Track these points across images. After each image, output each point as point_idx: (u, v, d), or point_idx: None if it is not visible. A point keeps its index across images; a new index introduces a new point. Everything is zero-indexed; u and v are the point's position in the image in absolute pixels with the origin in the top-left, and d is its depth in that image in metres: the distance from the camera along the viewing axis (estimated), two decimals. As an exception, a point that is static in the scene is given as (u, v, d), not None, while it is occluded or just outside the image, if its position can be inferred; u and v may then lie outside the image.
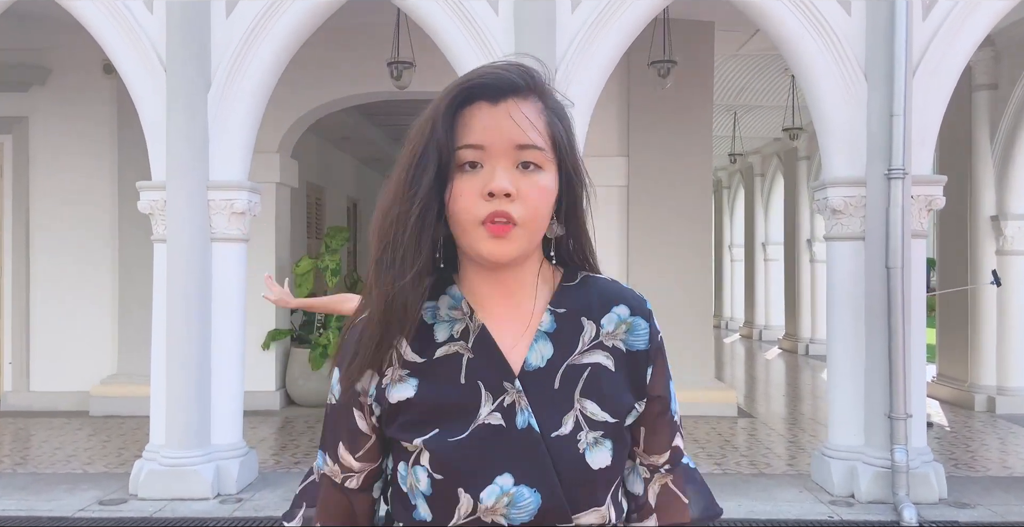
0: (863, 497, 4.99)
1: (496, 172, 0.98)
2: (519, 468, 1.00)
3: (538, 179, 1.01)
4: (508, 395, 1.02)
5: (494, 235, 0.98)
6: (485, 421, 1.01)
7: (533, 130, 1.00)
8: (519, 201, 0.98)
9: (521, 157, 1.00)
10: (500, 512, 0.99)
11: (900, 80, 4.96)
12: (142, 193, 5.34)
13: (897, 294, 4.95)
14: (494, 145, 0.99)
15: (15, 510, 4.91)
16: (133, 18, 5.22)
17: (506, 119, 1.00)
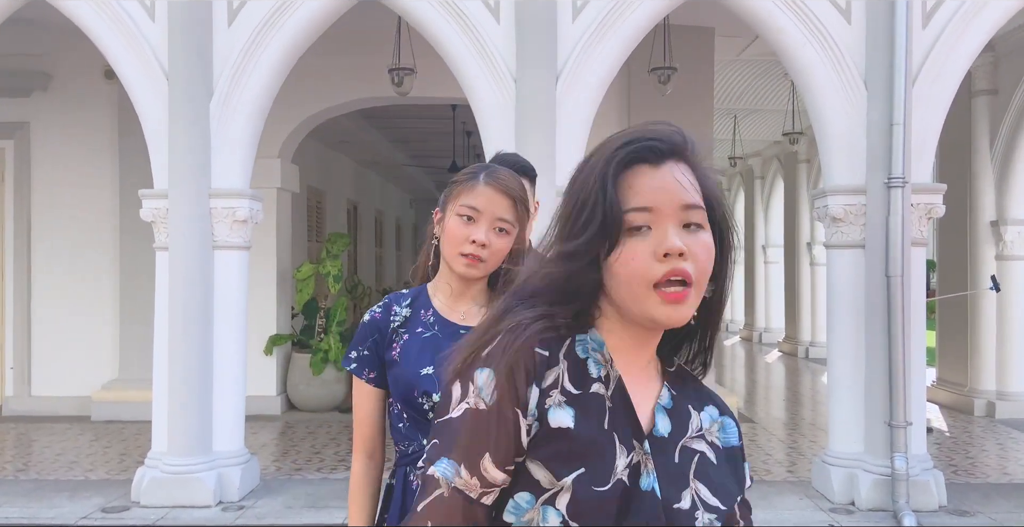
0: (863, 504, 5.01)
1: (668, 232, 0.98)
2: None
3: (703, 238, 1.00)
4: (636, 454, 1.00)
5: (670, 301, 0.97)
6: (620, 476, 0.97)
7: (695, 190, 1.01)
8: (691, 261, 0.98)
9: (687, 218, 0.99)
10: None
11: (900, 89, 4.98)
12: (144, 201, 5.35)
13: (897, 303, 4.97)
14: (662, 207, 0.98)
15: (18, 518, 4.92)
16: (135, 26, 5.24)
17: (671, 181, 1.00)
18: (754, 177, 16.29)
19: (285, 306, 8.53)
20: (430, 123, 11.75)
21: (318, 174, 10.59)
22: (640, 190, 0.99)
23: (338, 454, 6.52)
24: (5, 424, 7.71)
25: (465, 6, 5.21)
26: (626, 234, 0.98)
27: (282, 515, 4.94)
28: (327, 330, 8.29)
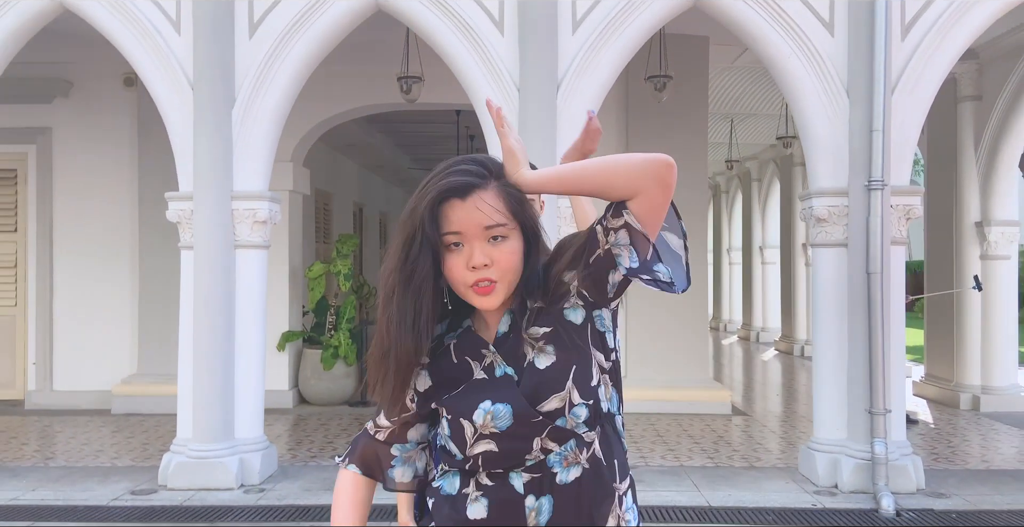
0: (845, 487, 5.34)
1: (474, 250, 1.38)
2: (494, 394, 1.43)
3: (505, 246, 1.40)
4: (489, 356, 1.47)
5: (481, 294, 1.40)
6: (476, 378, 1.47)
7: (495, 212, 1.38)
8: (494, 266, 1.39)
9: (489, 234, 1.39)
10: (490, 426, 1.42)
11: (879, 97, 5.31)
12: (170, 203, 5.68)
13: (877, 298, 5.30)
14: (468, 230, 1.38)
15: (52, 500, 5.25)
16: (162, 39, 5.58)
17: (474, 211, 1.38)
18: (751, 179, 16.61)
19: (297, 304, 8.86)
20: (434, 128, 12.10)
21: (325, 177, 10.93)
22: (451, 219, 1.38)
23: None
24: (29, 417, 8.04)
25: (471, 20, 5.55)
26: (447, 251, 1.39)
27: (300, 497, 5.27)
28: (337, 327, 8.62)
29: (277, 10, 5.60)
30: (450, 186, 1.39)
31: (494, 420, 1.41)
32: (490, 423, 1.42)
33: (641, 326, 8.37)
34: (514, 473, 1.43)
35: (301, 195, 9.01)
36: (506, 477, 1.43)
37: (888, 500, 4.99)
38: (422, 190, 1.41)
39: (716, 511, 4.97)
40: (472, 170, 1.41)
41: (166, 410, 7.80)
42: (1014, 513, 4.97)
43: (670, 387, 8.22)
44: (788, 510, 5.00)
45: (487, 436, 1.42)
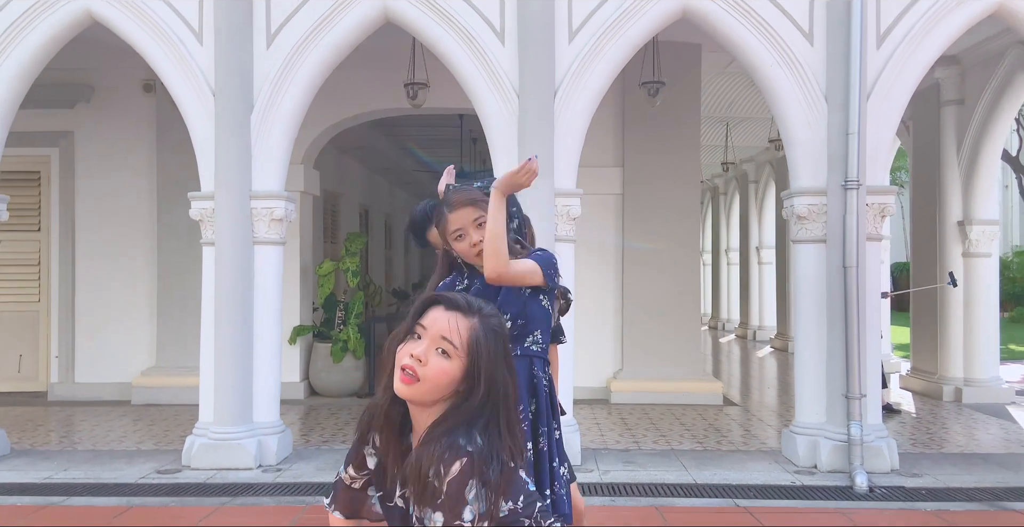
0: (823, 467, 5.71)
1: (423, 345, 1.59)
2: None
3: (442, 362, 1.58)
4: None
5: (401, 380, 1.59)
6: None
7: (455, 334, 1.59)
8: (426, 368, 1.57)
9: (439, 344, 1.59)
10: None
11: (855, 103, 5.69)
12: (193, 202, 6.08)
13: (853, 290, 5.67)
14: (430, 330, 1.60)
15: (84, 478, 5.64)
16: (186, 49, 5.98)
17: (443, 320, 1.60)
18: (748, 181, 16.98)
19: (307, 300, 9.25)
20: (438, 131, 12.50)
21: (333, 179, 11.33)
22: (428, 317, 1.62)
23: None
24: (52, 408, 8.44)
25: (474, 30, 5.94)
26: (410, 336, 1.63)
27: (315, 475, 5.65)
28: (346, 322, 9.02)
29: (293, 22, 6.00)
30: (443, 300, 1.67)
31: None
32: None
33: (637, 322, 8.76)
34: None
35: (311, 196, 9.41)
36: None
37: (862, 478, 5.37)
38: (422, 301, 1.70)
39: (702, 487, 5.34)
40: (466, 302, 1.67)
41: (184, 401, 8.23)
42: (980, 490, 5.33)
43: (664, 379, 8.60)
44: (769, 486, 5.38)
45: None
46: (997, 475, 5.70)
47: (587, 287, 8.27)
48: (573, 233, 6.02)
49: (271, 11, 6.02)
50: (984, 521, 4.68)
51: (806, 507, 4.97)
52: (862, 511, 4.87)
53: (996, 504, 5.02)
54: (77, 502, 5.09)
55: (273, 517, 4.77)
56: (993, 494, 5.23)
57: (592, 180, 8.20)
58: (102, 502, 5.08)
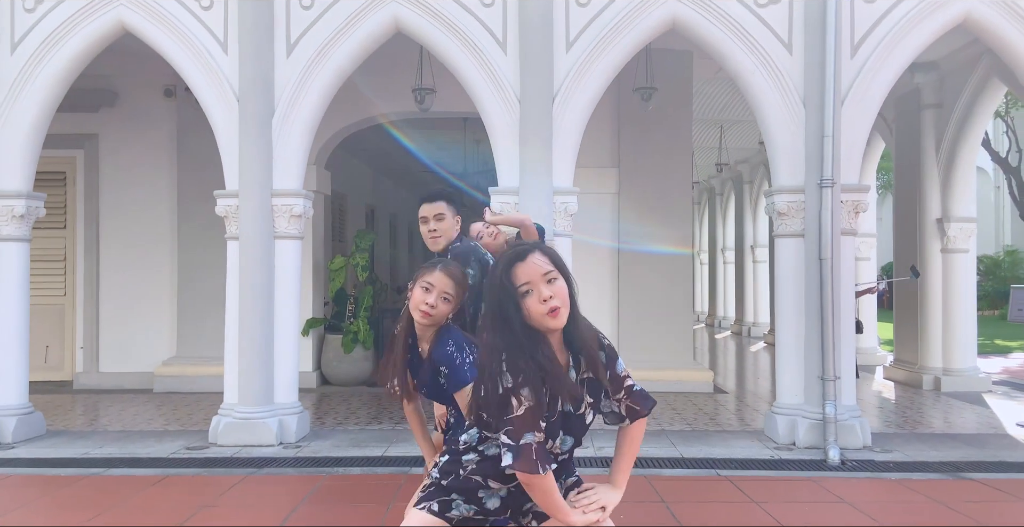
0: (801, 444, 6.19)
1: (542, 291, 2.18)
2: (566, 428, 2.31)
3: (558, 284, 2.20)
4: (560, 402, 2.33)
5: (553, 317, 2.18)
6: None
7: (547, 264, 2.21)
8: (557, 296, 2.18)
9: (546, 278, 2.20)
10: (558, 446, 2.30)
11: (830, 108, 6.17)
12: (219, 200, 6.56)
13: (828, 280, 6.15)
14: (533, 278, 2.19)
15: (119, 453, 6.12)
16: (212, 58, 6.47)
17: (533, 266, 2.20)
18: (743, 182, 17.46)
19: (319, 294, 9.74)
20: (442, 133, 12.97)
21: (341, 180, 11.81)
22: (519, 274, 2.19)
23: (370, 414, 7.73)
24: (78, 395, 8.92)
25: (478, 40, 6.42)
26: (522, 296, 2.18)
27: (332, 451, 6.14)
28: (356, 315, 9.50)
29: (311, 33, 6.49)
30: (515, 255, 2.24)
31: (561, 444, 2.28)
32: (558, 446, 2.27)
33: (632, 314, 9.23)
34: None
35: (323, 195, 9.89)
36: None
37: (835, 451, 5.85)
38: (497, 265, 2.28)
39: (687, 460, 5.82)
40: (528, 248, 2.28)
41: (204, 388, 8.74)
42: (944, 463, 5.80)
43: (657, 368, 9.07)
44: (750, 460, 5.85)
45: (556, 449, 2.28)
46: (962, 451, 6.17)
47: (584, 281, 8.63)
48: (570, 229, 6.50)
49: (291, 23, 6.51)
50: (943, 488, 5.15)
51: (781, 476, 5.45)
52: (832, 479, 5.35)
53: (956, 475, 5.50)
54: (115, 472, 5.57)
55: (297, 485, 5.24)
56: (955, 467, 5.70)
57: (589, 180, 8.70)
58: (139, 472, 5.56)
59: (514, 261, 2.21)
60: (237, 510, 4.69)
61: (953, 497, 4.91)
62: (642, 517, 4.49)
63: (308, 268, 9.45)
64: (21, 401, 6.62)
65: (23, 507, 4.78)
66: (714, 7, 6.36)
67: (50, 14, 6.56)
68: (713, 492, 5.05)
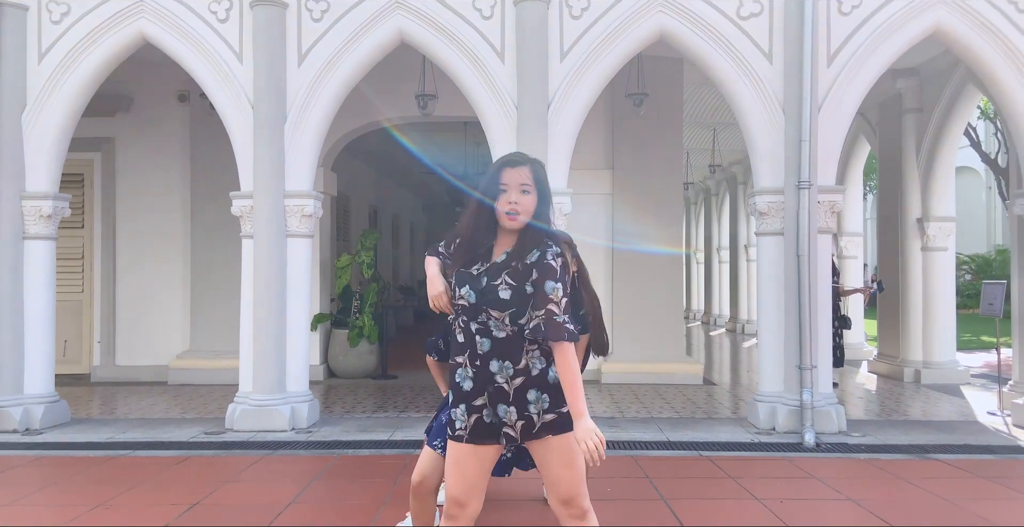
0: (780, 429, 6.62)
1: (511, 195, 2.66)
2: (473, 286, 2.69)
3: (530, 197, 2.67)
4: (482, 267, 2.72)
5: (510, 219, 2.66)
6: (471, 272, 2.73)
7: (526, 178, 2.68)
8: (520, 205, 2.66)
9: (521, 188, 2.67)
10: (466, 298, 2.68)
11: (806, 114, 6.59)
12: (234, 201, 6.98)
13: (805, 275, 6.58)
14: (510, 183, 2.67)
15: (142, 438, 6.54)
16: (228, 67, 6.89)
17: (516, 174, 2.67)
18: (737, 182, 17.88)
19: (326, 291, 10.17)
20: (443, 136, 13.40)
21: (345, 181, 12.23)
22: (504, 175, 2.68)
23: (376, 403, 8.15)
24: (96, 387, 9.34)
25: (478, 50, 6.84)
26: (499, 192, 2.67)
27: (341, 435, 6.56)
28: (362, 310, 9.93)
29: (321, 43, 6.91)
30: (509, 161, 2.72)
31: (468, 297, 2.66)
32: (467, 297, 2.67)
33: (625, 310, 9.65)
34: (471, 322, 2.68)
35: (329, 196, 10.31)
36: (468, 323, 2.69)
37: (810, 435, 6.27)
38: (493, 165, 2.74)
39: (674, 443, 6.25)
40: (520, 157, 2.74)
41: (217, 381, 9.17)
42: (913, 446, 6.22)
43: (649, 361, 9.51)
44: (732, 443, 6.27)
45: (464, 301, 2.68)
46: (932, 436, 6.59)
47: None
48: (565, 228, 6.92)
49: (302, 34, 6.93)
50: (908, 467, 5.57)
51: (758, 456, 5.87)
52: (805, 459, 5.77)
53: (923, 455, 5.92)
54: (141, 454, 6.00)
55: (310, 464, 5.67)
56: (923, 449, 6.12)
57: (584, 181, 9.14)
58: (162, 454, 5.98)
59: (506, 165, 2.70)
60: (258, 484, 5.12)
61: (915, 475, 5.33)
62: (627, 491, 4.91)
63: (315, 266, 9.86)
64: (48, 390, 7.05)
65: (60, 483, 5.20)
66: (699, 19, 6.78)
67: (76, 26, 6.99)
68: (693, 470, 5.47)
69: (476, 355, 2.68)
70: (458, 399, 2.72)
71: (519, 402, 2.67)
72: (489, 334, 2.67)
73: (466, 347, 2.70)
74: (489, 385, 2.68)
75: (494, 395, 2.68)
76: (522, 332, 2.65)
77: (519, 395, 2.67)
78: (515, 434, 2.68)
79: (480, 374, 2.68)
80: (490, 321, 2.67)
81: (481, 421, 2.69)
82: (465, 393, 2.70)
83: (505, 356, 2.67)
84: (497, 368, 2.67)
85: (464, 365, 2.71)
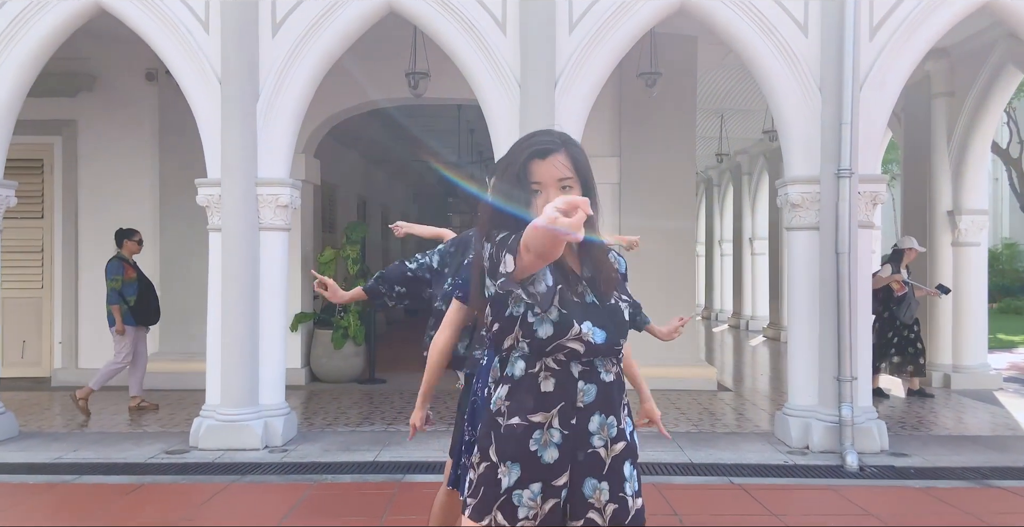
0: (815, 448, 5.88)
1: (550, 195, 1.90)
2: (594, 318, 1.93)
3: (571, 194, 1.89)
4: (580, 287, 1.97)
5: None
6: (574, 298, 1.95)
7: (565, 169, 1.92)
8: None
9: (560, 184, 1.92)
10: (588, 336, 1.90)
11: (848, 94, 5.83)
12: (200, 189, 6.19)
13: (845, 275, 5.83)
14: (546, 181, 1.92)
15: (94, 458, 5.76)
16: (192, 38, 6.08)
17: (551, 167, 1.92)
18: (742, 173, 17.13)
19: (308, 288, 9.37)
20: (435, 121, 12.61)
21: (331, 170, 11.43)
22: (535, 173, 1.92)
23: (361, 413, 7.38)
24: (56, 393, 8.55)
25: (476, 21, 6.05)
26: (533, 194, 1.92)
27: (320, 456, 5.79)
28: (347, 309, 9.14)
29: (298, 11, 6.10)
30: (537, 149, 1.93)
31: (592, 336, 1.91)
32: (589, 336, 1.91)
33: (633, 308, 8.88)
34: (573, 362, 1.92)
35: (312, 185, 9.51)
36: (567, 364, 1.92)
37: (852, 457, 5.54)
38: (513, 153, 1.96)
39: (697, 466, 5.50)
40: (553, 138, 1.96)
41: (187, 386, 8.36)
42: (968, 469, 5.50)
43: (661, 365, 8.73)
44: (763, 466, 5.54)
45: (583, 341, 1.91)
46: (984, 456, 5.88)
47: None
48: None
49: (276, 1, 6.12)
50: (972, 498, 4.85)
51: (799, 484, 5.13)
52: (853, 488, 5.03)
53: (984, 482, 5.20)
54: (88, 480, 5.22)
55: (281, 494, 4.90)
56: (980, 473, 5.40)
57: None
58: (113, 480, 5.20)
59: (534, 157, 1.94)
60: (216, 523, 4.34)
61: (983, 508, 4.61)
62: (654, 532, 4.16)
63: (297, 261, 9.07)
64: (-10, 401, 6.26)
65: (-15, 520, 4.43)
66: (726, -14, 6.01)
67: (20, -10, 6.16)
68: (728, 504, 4.73)
69: (572, 411, 1.92)
70: (529, 474, 1.91)
71: (614, 477, 1.93)
72: (596, 378, 1.94)
73: (557, 398, 1.92)
74: (580, 451, 1.91)
75: (584, 465, 1.92)
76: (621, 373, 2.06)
77: (616, 467, 1.93)
78: (602, 522, 1.92)
79: (574, 438, 1.91)
80: (597, 358, 1.94)
81: (557, 507, 1.91)
82: (545, 467, 1.90)
83: (609, 409, 1.95)
84: (597, 426, 1.93)
85: (546, 426, 1.91)
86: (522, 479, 1.89)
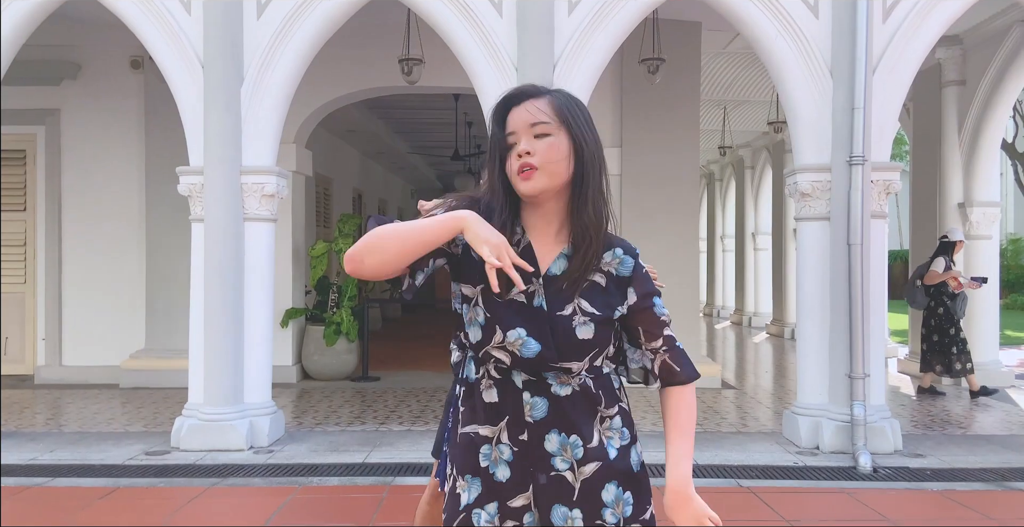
0: (826, 448, 5.61)
1: (520, 142, 1.61)
2: (530, 327, 1.61)
3: (547, 140, 1.60)
4: (532, 286, 1.63)
5: (524, 179, 1.60)
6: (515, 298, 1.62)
7: (539, 113, 1.61)
8: (536, 155, 1.59)
9: (535, 131, 1.61)
10: (516, 347, 1.61)
11: (860, 77, 5.55)
12: (181, 177, 5.91)
13: (857, 267, 5.56)
14: (519, 128, 1.62)
15: (70, 460, 5.49)
16: (173, 19, 5.80)
17: (523, 112, 1.62)
18: (744, 167, 16.85)
19: (299, 282, 9.10)
20: (433, 113, 12.33)
21: (326, 162, 11.16)
22: (509, 122, 1.63)
23: (353, 412, 7.11)
24: (39, 391, 8.27)
25: (471, 2, 5.77)
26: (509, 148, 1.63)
27: (308, 457, 5.52)
28: (339, 304, 8.87)
29: (284, -8, 5.82)
30: (509, 95, 1.66)
31: (522, 347, 1.60)
32: (517, 346, 1.61)
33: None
34: (515, 371, 1.63)
35: (304, 176, 9.23)
36: (509, 373, 1.64)
37: (866, 458, 5.27)
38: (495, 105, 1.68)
39: (703, 468, 5.23)
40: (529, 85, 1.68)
41: (174, 384, 8.09)
42: (986, 470, 5.24)
43: (662, 362, 8.48)
44: (772, 467, 5.27)
45: (508, 351, 1.62)
46: (1001, 456, 5.61)
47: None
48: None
49: (262, -20, 5.84)
50: (992, 501, 4.58)
51: (810, 487, 4.86)
52: (868, 491, 4.77)
53: (1002, 484, 4.93)
54: (61, 483, 4.95)
55: (263, 499, 4.63)
56: (999, 475, 5.14)
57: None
58: (87, 483, 4.94)
59: (510, 104, 1.66)
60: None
61: (1007, 513, 4.34)
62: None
63: (287, 254, 8.81)
64: (-36, 400, 5.99)
65: (-54, 527, 4.16)
66: (733, -36, 5.72)
67: (-7, -31, 5.88)
68: (735, 508, 4.46)
69: (521, 425, 1.64)
70: (486, 491, 1.66)
71: (588, 503, 1.64)
72: (546, 391, 1.64)
73: (502, 411, 1.65)
74: (541, 474, 1.64)
75: (548, 490, 1.64)
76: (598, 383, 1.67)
77: (589, 492, 1.65)
78: None
79: (526, 455, 1.64)
80: (549, 372, 1.64)
81: None
82: (499, 485, 1.65)
83: (570, 427, 1.64)
84: (557, 447, 1.64)
85: (493, 440, 1.66)
86: (480, 498, 1.65)
